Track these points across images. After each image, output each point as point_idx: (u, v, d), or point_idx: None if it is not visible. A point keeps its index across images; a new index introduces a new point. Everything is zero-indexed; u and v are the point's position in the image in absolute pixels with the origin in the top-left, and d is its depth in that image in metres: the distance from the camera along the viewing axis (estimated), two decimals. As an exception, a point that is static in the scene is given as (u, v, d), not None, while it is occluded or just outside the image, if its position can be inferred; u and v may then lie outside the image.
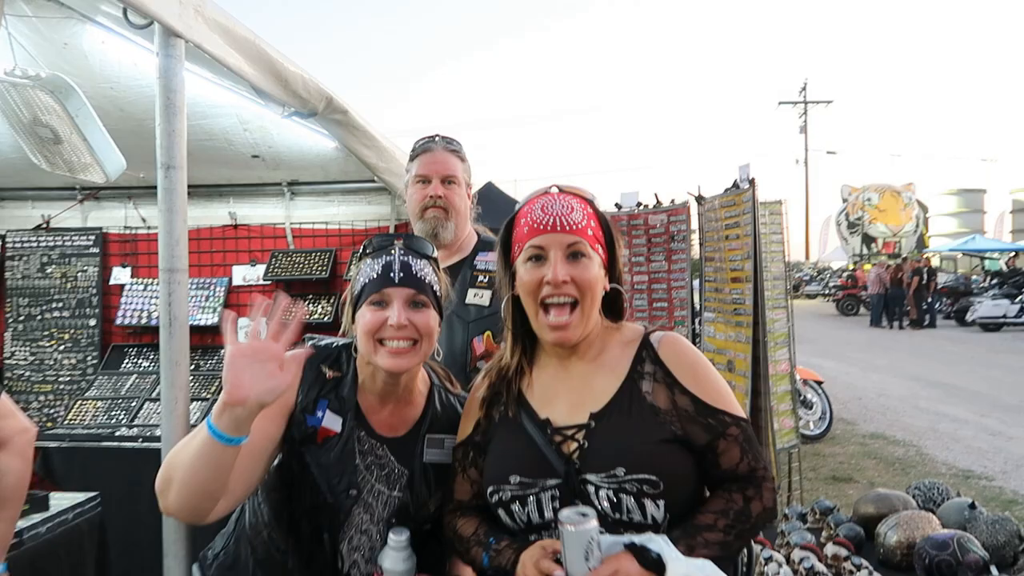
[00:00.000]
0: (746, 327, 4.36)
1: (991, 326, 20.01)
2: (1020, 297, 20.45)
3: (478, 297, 2.38)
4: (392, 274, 1.61)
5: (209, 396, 4.51)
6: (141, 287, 4.95)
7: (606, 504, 1.44)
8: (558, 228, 1.49)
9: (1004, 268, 28.83)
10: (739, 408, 1.55)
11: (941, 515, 2.69)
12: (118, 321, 4.88)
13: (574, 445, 1.50)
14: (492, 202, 13.05)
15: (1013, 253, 33.07)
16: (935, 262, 30.28)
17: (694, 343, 5.62)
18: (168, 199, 1.62)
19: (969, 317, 21.01)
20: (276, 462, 1.65)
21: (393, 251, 1.65)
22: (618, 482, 1.43)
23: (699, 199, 5.03)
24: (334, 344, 1.77)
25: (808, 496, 5.39)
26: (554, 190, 1.58)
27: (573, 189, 1.60)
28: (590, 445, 1.49)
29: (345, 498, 1.62)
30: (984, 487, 6.09)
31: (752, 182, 4.27)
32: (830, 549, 2.54)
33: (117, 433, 4.26)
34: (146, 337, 5.00)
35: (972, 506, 2.73)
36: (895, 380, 11.87)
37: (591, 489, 1.45)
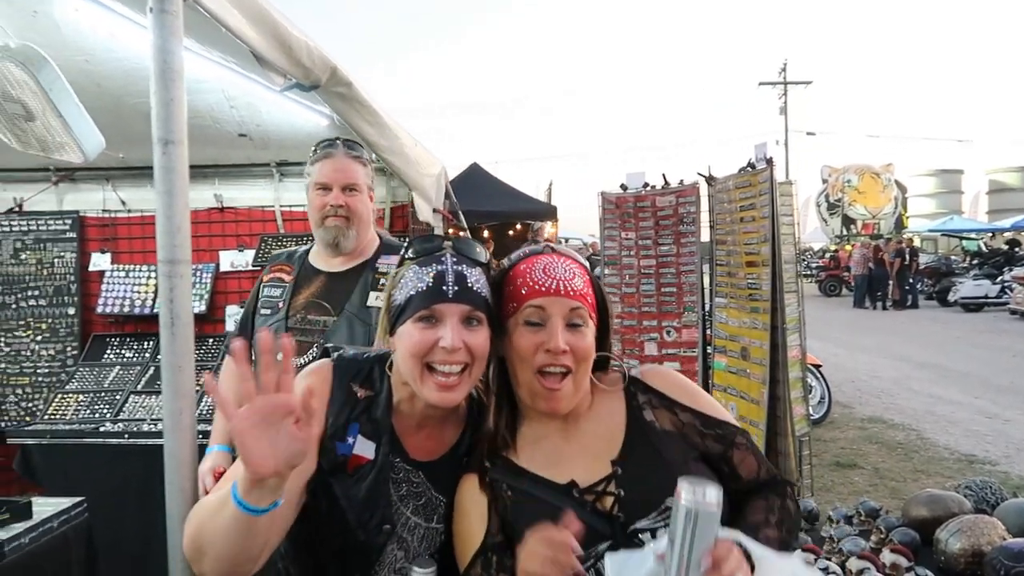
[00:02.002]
0: (763, 313, 4.20)
1: (972, 306, 20.17)
2: (1001, 278, 20.62)
3: (380, 300, 2.32)
4: (445, 287, 1.38)
5: (198, 388, 4.27)
6: (122, 274, 4.69)
7: None
8: (561, 292, 1.39)
9: (983, 248, 29.12)
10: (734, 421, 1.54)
11: (1000, 518, 2.55)
12: (99, 310, 4.63)
13: (610, 499, 1.37)
14: (477, 183, 12.93)
15: (990, 234, 33.46)
16: (915, 242, 30.46)
17: (704, 329, 5.54)
18: (167, 180, 1.39)
19: (951, 297, 21.15)
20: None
21: (445, 258, 1.42)
22: None
23: (710, 180, 4.84)
24: (364, 356, 1.55)
25: (816, 484, 5.29)
26: (548, 250, 1.48)
27: (569, 252, 1.50)
28: (627, 492, 1.36)
29: (378, 534, 1.42)
30: (989, 472, 6.03)
31: (770, 162, 4.09)
32: (887, 557, 2.38)
33: (101, 429, 4.03)
34: (129, 326, 4.76)
35: (1034, 508, 2.59)
36: (885, 361, 11.86)
37: (648, 537, 1.32)
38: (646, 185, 5.51)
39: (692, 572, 1.13)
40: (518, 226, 14.87)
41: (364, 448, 1.44)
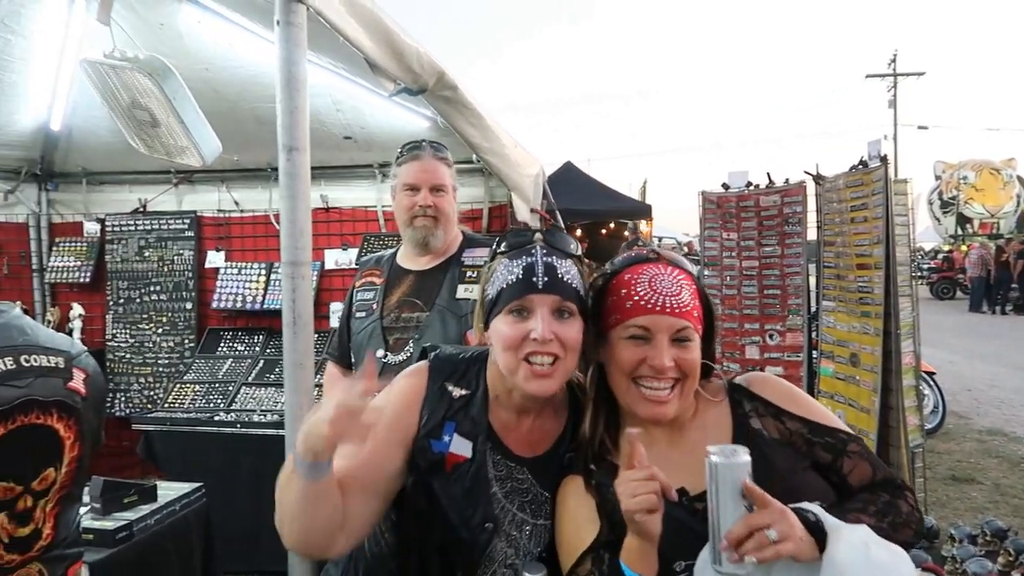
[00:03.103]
0: (874, 318, 4.00)
1: (1106, 312, 18.60)
2: None
3: (468, 292, 2.45)
4: (535, 278, 1.38)
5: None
6: (235, 271, 4.93)
7: None
8: (667, 310, 1.35)
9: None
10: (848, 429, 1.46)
11: None
12: (213, 305, 4.89)
13: None
14: (571, 181, 12.90)
15: None
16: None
17: (810, 334, 5.34)
18: (291, 185, 1.46)
19: (1081, 302, 19.56)
20: (405, 491, 1.48)
21: (534, 251, 1.41)
22: None
23: (818, 179, 4.66)
24: (460, 356, 1.57)
25: (931, 499, 5.01)
26: (653, 256, 1.43)
27: (675, 259, 1.44)
28: None
29: (480, 532, 1.43)
30: None
31: (884, 159, 3.90)
32: (1019, 582, 2.24)
33: (215, 418, 4.25)
34: (240, 321, 5.01)
35: None
36: (1005, 370, 11.09)
37: None
38: (749, 184, 5.36)
39: (723, 523, 1.16)
40: (611, 224, 14.73)
41: (461, 447, 1.46)
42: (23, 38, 3.47)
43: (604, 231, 14.77)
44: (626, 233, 13.00)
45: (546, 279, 1.38)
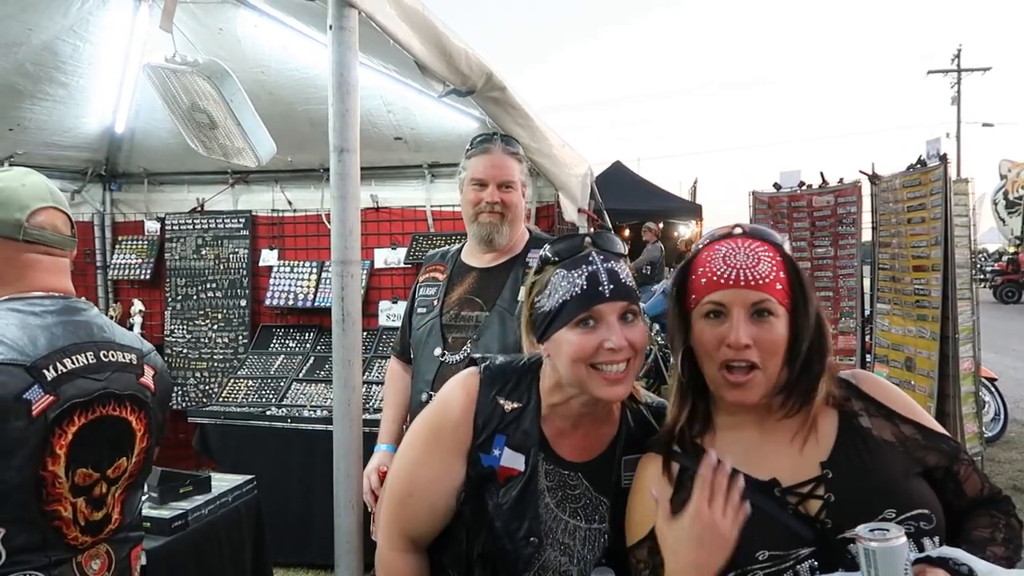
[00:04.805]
0: (931, 321, 3.89)
1: None
2: None
3: None
4: (601, 287, 1.36)
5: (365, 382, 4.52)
6: (288, 269, 5.05)
7: None
8: (742, 283, 1.28)
9: None
10: None
11: None
12: (267, 302, 5.01)
13: (817, 504, 1.27)
14: (619, 181, 12.77)
15: None
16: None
17: (863, 337, 5.23)
18: (342, 185, 1.50)
19: None
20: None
21: (592, 258, 1.39)
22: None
23: (873, 178, 4.55)
24: (512, 366, 1.55)
25: (990, 509, 4.84)
26: (737, 231, 1.36)
27: (759, 231, 1.36)
28: (838, 497, 1.26)
29: (525, 546, 1.43)
30: None
31: (943, 159, 3.79)
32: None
33: (267, 413, 4.35)
34: (292, 318, 5.12)
35: None
36: (1073, 378, 10.63)
37: (857, 548, 1.20)
38: (802, 184, 5.26)
39: None
40: (660, 225, 14.58)
41: (512, 460, 1.45)
42: (91, 44, 3.62)
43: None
44: (647, 227, 12.57)
45: (612, 286, 1.36)
